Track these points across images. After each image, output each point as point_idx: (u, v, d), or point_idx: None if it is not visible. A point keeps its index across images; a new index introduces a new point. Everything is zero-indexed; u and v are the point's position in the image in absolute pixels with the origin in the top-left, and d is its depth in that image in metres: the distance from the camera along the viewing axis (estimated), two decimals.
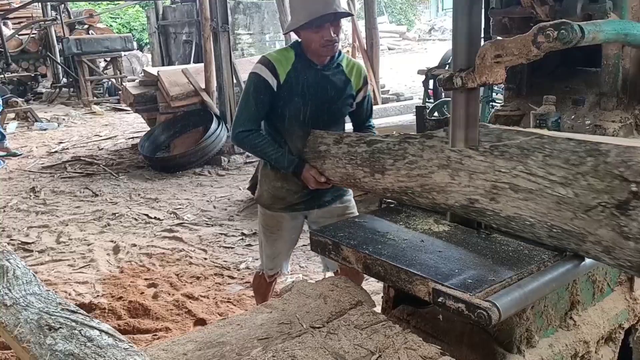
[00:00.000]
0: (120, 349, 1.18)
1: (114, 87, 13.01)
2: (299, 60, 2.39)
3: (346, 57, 2.53)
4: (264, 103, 2.38)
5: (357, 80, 2.49)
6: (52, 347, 1.20)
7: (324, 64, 2.40)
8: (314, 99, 2.40)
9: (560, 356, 1.72)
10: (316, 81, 2.40)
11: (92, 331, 1.24)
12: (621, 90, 1.85)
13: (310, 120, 2.41)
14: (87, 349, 1.18)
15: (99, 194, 6.05)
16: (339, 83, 2.44)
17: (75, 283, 3.76)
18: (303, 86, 2.39)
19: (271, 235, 2.62)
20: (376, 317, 1.62)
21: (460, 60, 1.67)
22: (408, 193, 1.87)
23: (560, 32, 1.41)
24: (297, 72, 2.38)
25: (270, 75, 2.35)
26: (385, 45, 20.95)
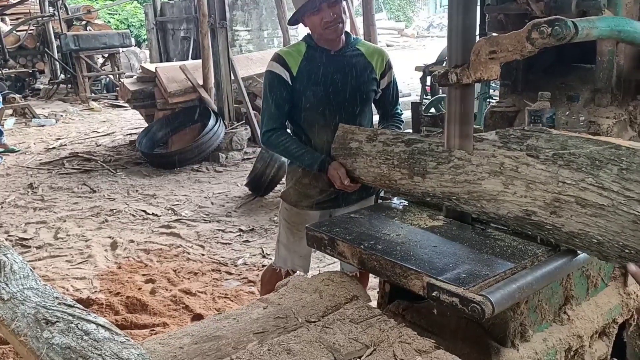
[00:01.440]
0: (117, 342, 1.19)
1: (111, 84, 13.00)
2: (311, 50, 2.38)
3: (365, 42, 2.53)
4: (282, 99, 2.37)
5: (379, 64, 2.44)
6: (49, 341, 1.21)
7: (338, 48, 2.38)
8: (332, 86, 2.36)
9: (554, 350, 1.73)
10: (332, 67, 2.37)
11: (88, 325, 1.25)
12: (615, 87, 1.86)
13: (331, 108, 2.38)
14: (83, 343, 1.19)
15: (96, 190, 6.05)
16: (359, 66, 2.40)
17: (73, 279, 3.77)
18: (318, 74, 2.36)
19: (298, 232, 2.53)
20: (371, 312, 1.63)
21: (455, 57, 1.69)
22: (452, 199, 1.75)
23: (554, 29, 1.42)
24: (310, 62, 2.37)
25: (282, 69, 2.36)
26: (384, 42, 20.93)
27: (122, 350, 1.16)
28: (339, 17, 2.30)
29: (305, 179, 2.46)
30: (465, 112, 1.71)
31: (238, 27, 11.68)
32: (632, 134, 1.87)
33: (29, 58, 13.65)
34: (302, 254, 2.58)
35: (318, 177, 2.40)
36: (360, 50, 2.42)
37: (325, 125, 2.37)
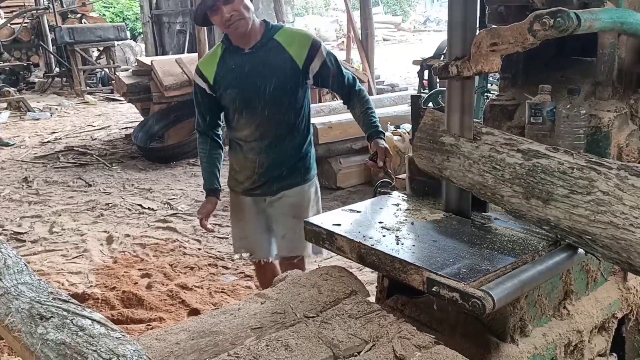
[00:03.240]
0: (113, 338, 1.17)
1: (107, 77, 12.93)
2: (227, 52, 2.39)
3: (286, 30, 2.43)
4: (204, 109, 2.49)
5: (299, 50, 2.34)
6: (44, 337, 1.18)
7: (251, 45, 2.35)
8: (249, 85, 2.35)
9: (553, 345, 1.73)
10: (246, 66, 2.35)
11: (84, 320, 1.23)
12: (617, 80, 1.84)
13: (252, 108, 2.38)
14: (79, 338, 1.16)
15: (92, 184, 6.02)
16: (276, 61, 2.34)
17: (68, 273, 3.74)
18: (232, 76, 2.37)
19: (236, 215, 2.70)
20: (370, 307, 1.61)
21: (455, 49, 1.66)
22: (584, 238, 1.40)
23: (556, 20, 1.40)
24: (224, 65, 2.38)
25: (200, 80, 2.44)
26: (380, 36, 20.88)
27: (117, 346, 1.14)
28: (237, 14, 2.26)
29: (236, 166, 2.60)
30: (465, 104, 1.69)
31: None
32: (633, 128, 1.85)
33: (24, 51, 13.57)
34: (242, 236, 2.70)
35: (243, 166, 2.55)
36: (277, 42, 2.36)
37: (252, 126, 2.42)
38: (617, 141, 1.83)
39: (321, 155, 5.43)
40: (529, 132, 1.88)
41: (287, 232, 2.58)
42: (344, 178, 5.43)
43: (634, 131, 1.85)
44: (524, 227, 1.69)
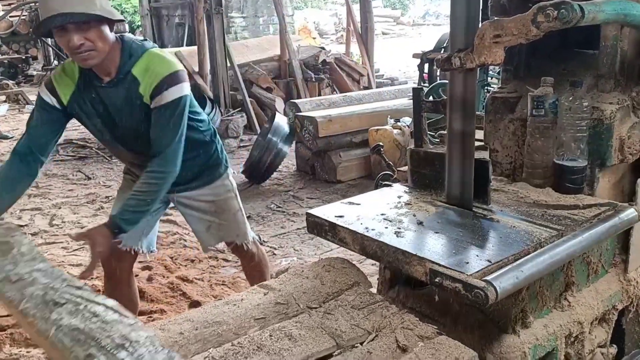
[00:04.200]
0: (126, 325, 1.18)
1: None
2: (84, 77, 2.07)
3: (148, 56, 2.05)
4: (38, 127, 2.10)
5: (145, 88, 2.01)
6: (58, 322, 1.19)
7: (109, 78, 2.04)
8: (112, 124, 2.09)
9: (554, 336, 1.73)
10: (101, 103, 2.06)
11: (97, 307, 1.23)
12: (619, 72, 1.84)
13: (115, 144, 2.16)
14: (92, 324, 1.17)
15: (91, 177, 6.01)
16: (130, 99, 2.04)
17: (69, 265, 3.74)
18: (89, 111, 2.08)
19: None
20: (373, 298, 1.62)
21: (458, 41, 1.67)
22: None
23: (560, 12, 1.40)
24: (80, 94, 2.07)
25: (49, 96, 2.09)
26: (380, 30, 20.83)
27: (130, 332, 1.15)
28: (90, 45, 1.92)
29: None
30: (468, 96, 1.69)
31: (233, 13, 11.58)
32: (635, 120, 1.85)
33: (22, 44, 13.53)
34: None
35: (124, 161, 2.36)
36: (133, 75, 2.02)
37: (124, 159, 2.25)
38: (619, 133, 1.83)
39: (321, 149, 5.44)
40: (531, 124, 1.88)
41: (211, 224, 2.47)
42: (343, 171, 5.44)
43: (635, 123, 1.85)
44: (526, 219, 1.70)
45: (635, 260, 2.03)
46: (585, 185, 1.87)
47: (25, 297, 1.31)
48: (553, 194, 1.85)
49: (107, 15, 1.94)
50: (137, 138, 2.11)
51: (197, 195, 2.41)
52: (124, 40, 2.07)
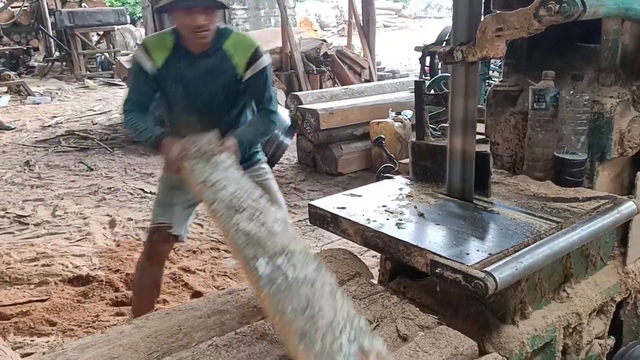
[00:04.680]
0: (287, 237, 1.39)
1: (107, 62, 12.88)
2: (177, 47, 2.30)
3: (234, 35, 2.38)
4: (142, 88, 2.34)
5: (241, 58, 2.33)
6: (236, 225, 1.45)
7: (202, 51, 2.30)
8: (190, 90, 2.32)
9: (552, 327, 1.76)
10: (193, 71, 2.31)
11: (268, 218, 1.49)
12: (620, 66, 1.85)
13: (195, 109, 2.35)
14: (261, 232, 1.41)
15: (94, 168, 6.03)
16: (220, 69, 2.32)
17: (72, 256, 3.77)
18: (179, 77, 2.31)
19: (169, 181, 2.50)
20: (374, 288, 1.64)
21: (460, 34, 1.68)
22: None
23: (562, 6, 1.41)
24: (174, 61, 2.30)
25: (146, 59, 2.30)
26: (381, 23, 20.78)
27: (289, 243, 1.35)
28: (209, 26, 2.22)
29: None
30: (470, 89, 1.71)
31: (235, 5, 11.54)
32: (635, 114, 1.87)
33: (23, 35, 13.51)
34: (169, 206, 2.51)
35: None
36: (224, 50, 2.32)
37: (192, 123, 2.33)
38: (619, 127, 1.85)
39: (322, 141, 5.45)
40: (532, 117, 1.90)
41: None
42: (345, 164, 5.45)
43: (636, 117, 1.86)
44: (526, 211, 1.72)
45: (634, 252, 2.05)
46: (585, 179, 1.88)
47: (217, 200, 1.61)
48: (553, 186, 1.87)
49: (225, 3, 2.29)
50: (211, 105, 2.38)
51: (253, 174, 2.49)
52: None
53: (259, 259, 1.29)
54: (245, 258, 1.32)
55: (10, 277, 3.40)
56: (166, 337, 1.43)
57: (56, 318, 2.90)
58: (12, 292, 3.22)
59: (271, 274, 1.25)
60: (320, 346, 1.06)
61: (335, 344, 1.06)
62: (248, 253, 1.33)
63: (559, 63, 2.04)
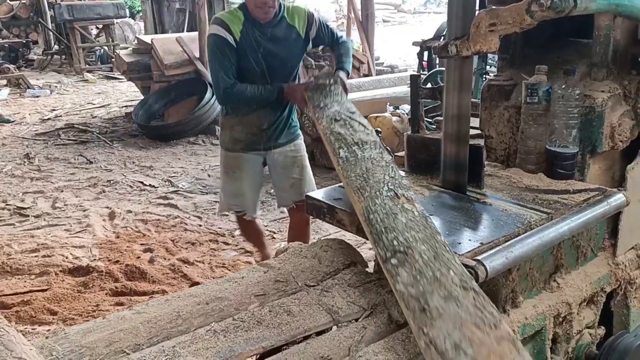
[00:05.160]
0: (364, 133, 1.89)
1: (106, 55, 12.88)
2: (247, 20, 2.64)
3: (291, 8, 2.78)
4: (230, 60, 2.63)
5: (300, 22, 2.76)
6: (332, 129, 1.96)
7: (268, 20, 2.66)
8: (267, 55, 2.67)
9: (543, 316, 1.80)
10: (265, 37, 2.67)
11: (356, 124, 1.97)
12: (611, 61, 1.89)
13: (266, 73, 2.70)
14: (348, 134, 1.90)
15: (93, 161, 6.07)
16: (285, 33, 2.72)
17: (72, 247, 3.81)
18: (254, 44, 2.64)
19: (233, 174, 2.90)
20: (368, 277, 1.68)
21: (455, 29, 1.71)
22: None
23: (553, 2, 1.45)
24: (249, 31, 2.64)
25: (226, 33, 2.60)
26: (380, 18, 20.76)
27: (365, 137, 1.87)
28: (271, 3, 2.59)
29: (238, 126, 2.81)
30: (464, 82, 1.74)
31: None
32: (626, 108, 1.90)
33: (22, 28, 13.50)
34: (239, 194, 2.94)
35: (247, 124, 2.79)
36: (285, 19, 2.73)
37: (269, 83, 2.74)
38: (610, 121, 1.88)
39: None
40: (525, 111, 1.94)
41: (295, 180, 2.94)
42: None
43: (626, 111, 1.90)
44: (517, 203, 1.76)
45: (624, 244, 2.09)
46: (576, 171, 1.92)
47: (323, 116, 2.12)
48: (545, 179, 1.91)
49: None
50: (283, 67, 2.76)
51: (286, 151, 2.90)
52: None
53: (342, 149, 1.83)
54: (334, 149, 1.86)
55: (11, 267, 3.45)
56: (166, 323, 1.46)
57: (57, 307, 2.95)
58: (13, 282, 3.27)
59: (347, 157, 1.79)
60: (368, 192, 1.59)
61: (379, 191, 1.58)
62: (335, 147, 1.86)
63: (553, 58, 2.08)
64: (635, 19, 1.69)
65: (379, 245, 1.46)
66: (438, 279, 1.29)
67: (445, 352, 1.15)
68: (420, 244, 1.39)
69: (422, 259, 1.35)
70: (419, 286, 1.29)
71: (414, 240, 1.41)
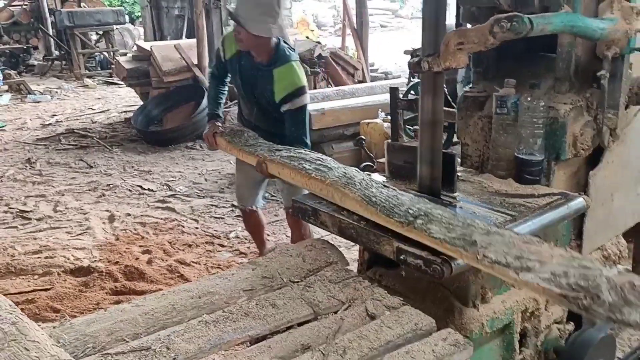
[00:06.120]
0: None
1: (106, 61, 13.03)
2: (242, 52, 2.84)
3: (287, 67, 2.75)
4: (218, 65, 3.02)
5: (280, 90, 2.75)
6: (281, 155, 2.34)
7: (258, 62, 2.80)
8: (245, 85, 2.88)
9: (511, 311, 1.94)
10: (248, 72, 2.84)
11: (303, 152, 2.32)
12: (573, 76, 2.04)
13: (246, 99, 2.95)
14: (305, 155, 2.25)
15: (93, 165, 6.21)
16: (263, 84, 2.80)
17: (73, 249, 3.95)
18: (240, 71, 2.86)
19: (235, 166, 3.24)
20: (348, 274, 1.83)
21: (427, 46, 1.87)
22: None
23: (512, 24, 1.60)
24: (239, 58, 2.85)
25: (221, 48, 2.95)
26: (378, 23, 20.94)
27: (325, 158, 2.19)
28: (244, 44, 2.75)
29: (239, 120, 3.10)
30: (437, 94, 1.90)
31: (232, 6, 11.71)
32: (587, 119, 2.05)
33: (23, 34, 13.62)
34: (238, 186, 3.29)
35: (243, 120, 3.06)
36: (272, 71, 2.76)
37: (244, 105, 3.00)
38: (573, 131, 2.03)
39: (314, 141, 5.61)
40: (496, 121, 2.09)
41: (284, 186, 3.13)
42: None
43: (588, 122, 2.05)
44: (486, 206, 1.91)
45: (590, 245, 2.24)
46: (542, 177, 2.07)
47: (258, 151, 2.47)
48: (513, 184, 2.06)
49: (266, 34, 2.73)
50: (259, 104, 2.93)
51: None
52: (280, 45, 2.83)
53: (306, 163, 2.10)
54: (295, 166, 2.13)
55: (15, 268, 3.59)
56: (162, 315, 1.61)
57: (59, 305, 3.10)
58: (18, 282, 3.41)
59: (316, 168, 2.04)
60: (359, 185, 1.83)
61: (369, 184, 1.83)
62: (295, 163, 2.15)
63: (523, 71, 2.23)
64: (589, 38, 1.85)
65: (393, 217, 1.64)
66: (470, 224, 1.53)
67: (510, 264, 1.35)
68: (435, 209, 1.64)
69: (444, 217, 1.58)
70: (456, 231, 1.51)
71: (427, 209, 1.64)
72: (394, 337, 1.51)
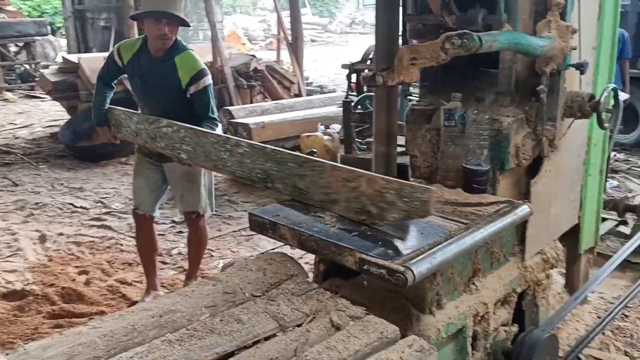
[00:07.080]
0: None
1: (27, 73, 12.41)
2: (142, 49, 3.02)
3: (185, 54, 2.99)
4: (110, 71, 3.15)
5: (184, 75, 2.96)
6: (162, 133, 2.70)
7: (158, 56, 2.97)
8: (146, 84, 3.03)
9: (464, 316, 2.02)
10: (148, 69, 3.00)
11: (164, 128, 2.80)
12: (514, 90, 2.17)
13: (146, 99, 3.09)
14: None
15: (18, 183, 5.89)
16: (166, 75, 2.97)
17: (3, 272, 3.72)
18: (139, 71, 3.03)
19: (133, 172, 3.39)
20: (310, 286, 1.84)
21: (381, 61, 1.93)
22: None
23: (463, 41, 1.69)
24: (137, 59, 3.02)
25: (117, 57, 3.09)
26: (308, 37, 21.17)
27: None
28: (170, 35, 2.92)
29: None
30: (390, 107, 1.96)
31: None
32: (527, 130, 2.19)
33: None
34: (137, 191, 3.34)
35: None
36: (174, 62, 2.96)
37: (144, 106, 3.14)
38: (515, 142, 2.16)
39: None
40: (444, 133, 2.18)
41: (184, 193, 3.25)
42: None
43: (528, 133, 2.18)
44: (440, 215, 1.98)
45: (531, 249, 2.37)
46: (489, 186, 2.18)
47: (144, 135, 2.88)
48: (462, 193, 2.15)
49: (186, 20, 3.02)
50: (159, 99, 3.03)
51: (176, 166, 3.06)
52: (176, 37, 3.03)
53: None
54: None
55: None
56: (122, 336, 1.56)
57: None
58: None
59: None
60: None
61: None
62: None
63: (468, 86, 2.34)
64: (531, 55, 1.97)
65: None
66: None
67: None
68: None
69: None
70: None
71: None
72: (362, 347, 1.54)
